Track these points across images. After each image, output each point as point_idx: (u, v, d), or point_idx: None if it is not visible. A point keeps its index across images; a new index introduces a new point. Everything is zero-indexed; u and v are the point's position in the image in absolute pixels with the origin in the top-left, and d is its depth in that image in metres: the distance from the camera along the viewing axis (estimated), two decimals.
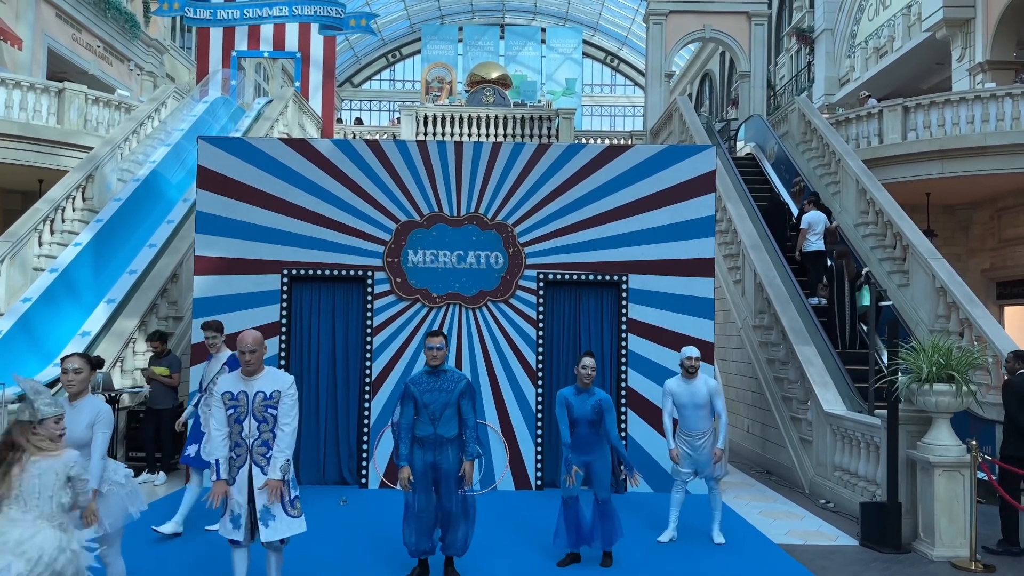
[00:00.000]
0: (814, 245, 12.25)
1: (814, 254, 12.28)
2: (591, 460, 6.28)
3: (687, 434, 6.99)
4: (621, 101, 46.07)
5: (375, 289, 9.18)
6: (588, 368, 6.25)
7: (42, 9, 19.72)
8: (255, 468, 4.89)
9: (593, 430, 6.26)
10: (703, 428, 6.96)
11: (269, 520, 4.85)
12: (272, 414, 4.87)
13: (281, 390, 4.90)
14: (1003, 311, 16.77)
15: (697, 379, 6.96)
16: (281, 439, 4.86)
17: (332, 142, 9.55)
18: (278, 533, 4.88)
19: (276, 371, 5.07)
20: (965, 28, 18.33)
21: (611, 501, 6.32)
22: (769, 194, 15.30)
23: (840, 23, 24.67)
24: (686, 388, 6.94)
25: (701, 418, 6.94)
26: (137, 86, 24.07)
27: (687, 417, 6.96)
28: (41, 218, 11.81)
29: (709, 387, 6.97)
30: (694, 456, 6.97)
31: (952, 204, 16.84)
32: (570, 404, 6.25)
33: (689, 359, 6.93)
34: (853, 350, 11.07)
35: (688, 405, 6.93)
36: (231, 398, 4.89)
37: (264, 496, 4.84)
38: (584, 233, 9.27)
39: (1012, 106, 14.11)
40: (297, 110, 19.59)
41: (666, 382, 7.12)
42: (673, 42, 22.40)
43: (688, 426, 6.98)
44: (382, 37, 43.42)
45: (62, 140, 14.79)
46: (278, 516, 4.87)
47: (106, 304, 11.11)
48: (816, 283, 12.03)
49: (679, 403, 6.96)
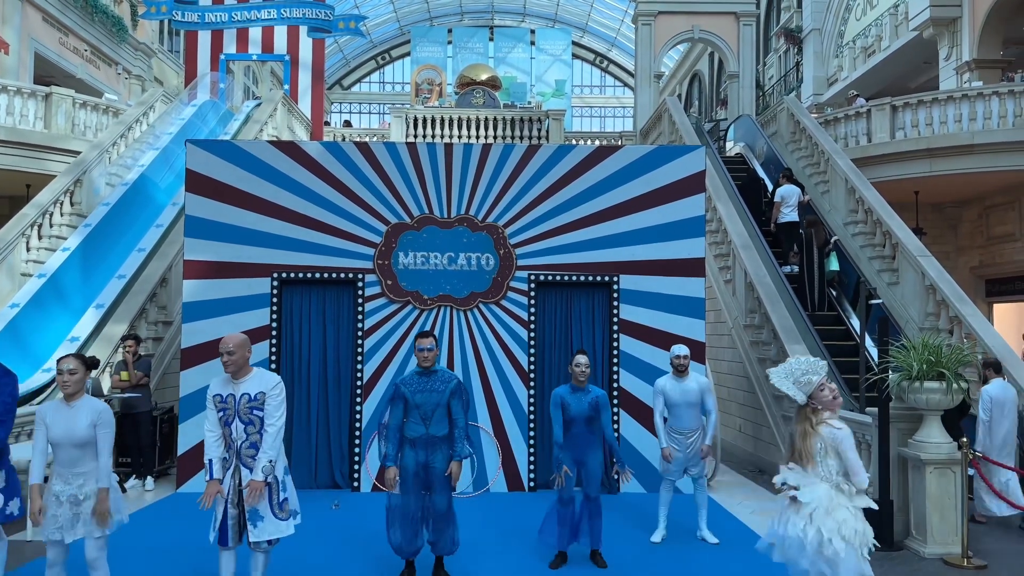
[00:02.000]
0: (787, 216, 12.98)
1: (788, 225, 12.99)
2: (585, 459, 6.26)
3: (677, 432, 6.98)
4: (611, 102, 46.14)
5: (366, 292, 9.16)
6: (582, 366, 6.25)
7: (29, 13, 19.61)
8: (243, 470, 4.90)
9: (589, 428, 6.26)
10: (694, 426, 6.98)
11: (257, 521, 4.87)
12: (258, 416, 4.87)
13: (265, 391, 4.90)
14: (992, 308, 16.86)
15: (688, 377, 6.98)
16: (265, 440, 4.84)
17: (321, 144, 9.53)
18: (265, 534, 4.89)
19: (264, 372, 5.07)
20: (952, 27, 18.43)
21: (599, 499, 6.31)
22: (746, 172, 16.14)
23: (828, 23, 24.77)
24: (677, 386, 6.95)
25: (692, 416, 6.96)
26: (125, 90, 23.97)
27: (678, 415, 6.96)
28: (29, 223, 11.74)
29: (700, 385, 6.99)
30: (684, 453, 6.97)
31: (941, 202, 16.92)
32: (566, 403, 6.24)
33: (679, 357, 6.96)
34: (822, 311, 11.97)
35: (679, 403, 6.93)
36: (220, 401, 4.92)
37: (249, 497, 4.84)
38: (575, 234, 9.27)
39: (999, 104, 14.19)
40: (286, 113, 19.54)
41: (657, 381, 7.11)
42: (662, 43, 22.45)
43: (679, 424, 6.98)
44: (371, 39, 43.38)
45: (49, 145, 14.71)
46: (266, 517, 4.88)
47: (95, 309, 11.05)
48: (789, 252, 12.84)
49: (670, 401, 6.96)
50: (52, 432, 4.62)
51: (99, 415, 4.67)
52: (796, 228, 12.94)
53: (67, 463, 4.63)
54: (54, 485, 4.65)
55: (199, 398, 8.78)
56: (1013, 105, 14.11)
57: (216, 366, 7.37)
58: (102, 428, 4.65)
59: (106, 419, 4.69)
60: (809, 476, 4.45)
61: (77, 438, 4.57)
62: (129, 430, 9.24)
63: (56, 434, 4.61)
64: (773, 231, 13.31)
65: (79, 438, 4.58)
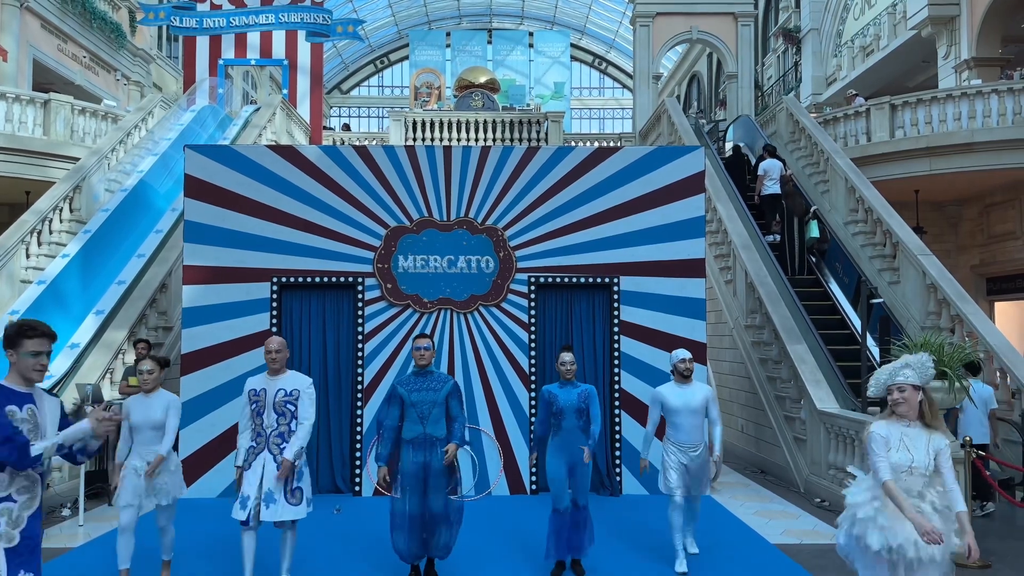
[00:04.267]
0: (770, 189, 13.85)
1: (771, 197, 13.89)
2: (575, 463, 6.06)
3: (680, 446, 6.32)
4: (610, 104, 46.13)
5: (366, 296, 9.14)
6: (567, 363, 6.15)
7: (27, 20, 19.62)
8: (269, 456, 5.48)
9: (580, 421, 6.09)
10: (697, 440, 6.35)
11: (270, 503, 5.44)
12: (291, 409, 5.55)
13: (300, 389, 5.61)
14: (993, 307, 16.83)
15: (692, 384, 6.44)
16: (300, 430, 5.52)
17: (320, 149, 9.52)
18: (276, 516, 5.42)
19: (297, 373, 5.76)
20: (950, 26, 18.42)
21: (588, 509, 6.12)
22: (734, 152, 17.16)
23: (826, 23, 24.77)
24: (680, 394, 6.38)
25: (696, 428, 6.36)
26: (124, 96, 23.97)
27: (680, 426, 6.33)
28: (28, 230, 11.73)
29: (705, 393, 6.45)
30: (688, 469, 6.32)
31: (941, 201, 16.90)
32: (554, 396, 6.12)
33: (683, 362, 6.42)
34: (802, 275, 12.92)
35: (682, 411, 6.31)
36: (254, 394, 5.63)
37: (272, 480, 5.41)
38: (575, 236, 9.26)
39: (998, 102, 14.17)
40: (285, 117, 19.54)
41: (657, 389, 6.51)
42: (660, 44, 22.44)
43: (681, 436, 6.33)
44: (370, 43, 43.39)
45: (49, 151, 14.69)
46: (278, 501, 5.44)
47: (95, 316, 11.03)
48: (771, 222, 13.72)
49: (672, 410, 6.34)
50: (133, 418, 5.66)
51: (171, 402, 5.78)
52: (778, 200, 13.81)
53: (144, 443, 5.67)
54: (133, 461, 5.65)
55: (199, 404, 8.78)
56: (1012, 103, 14.09)
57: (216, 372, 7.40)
58: (172, 412, 5.74)
59: (176, 406, 5.80)
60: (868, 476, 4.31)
61: (153, 422, 5.65)
62: None
63: (136, 420, 5.66)
64: (757, 203, 14.12)
65: (155, 422, 5.65)
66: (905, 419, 4.21)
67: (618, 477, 9.09)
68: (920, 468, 4.10)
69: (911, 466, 4.11)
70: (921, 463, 4.11)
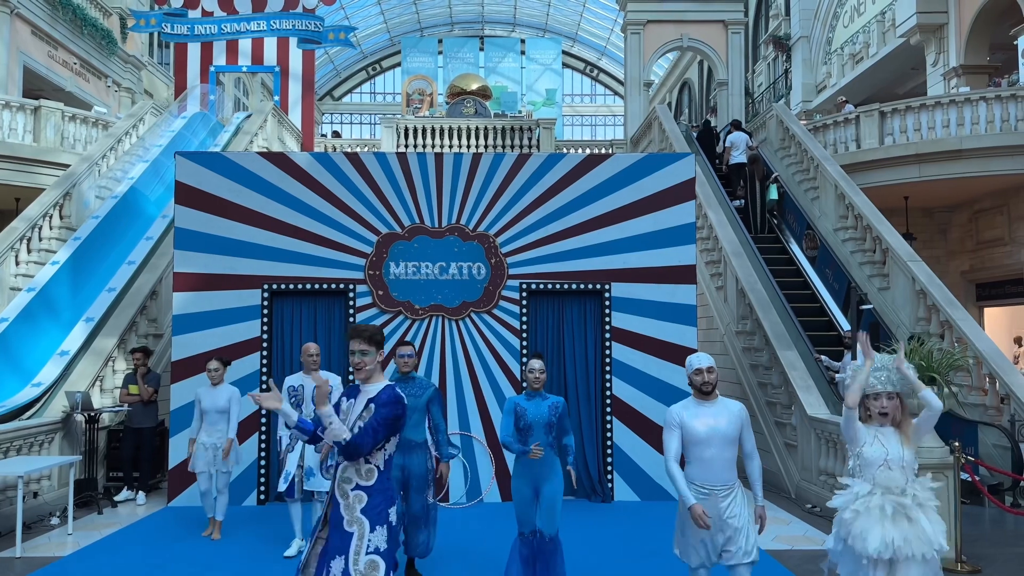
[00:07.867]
0: (737, 159, 15.92)
1: (737, 166, 15.96)
2: (541, 484, 5.34)
3: (702, 487, 4.47)
4: (601, 111, 46.28)
5: (357, 302, 9.13)
6: (536, 371, 5.48)
7: (17, 26, 19.57)
8: None
9: (549, 437, 5.42)
10: (727, 480, 4.47)
11: (310, 476, 6.62)
12: None
13: (333, 385, 6.05)
14: (983, 312, 16.92)
15: (717, 400, 4.57)
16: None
17: (311, 155, 9.52)
18: (314, 486, 6.57)
19: (329, 373, 6.99)
20: (939, 33, 18.56)
21: (558, 539, 5.36)
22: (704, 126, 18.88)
23: (816, 30, 24.90)
24: (704, 414, 4.51)
25: (726, 462, 4.47)
26: (115, 102, 23.92)
27: (704, 459, 4.47)
28: (18, 237, 11.67)
29: (738, 414, 4.54)
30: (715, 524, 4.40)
31: (930, 207, 17.00)
32: (521, 409, 5.44)
33: (698, 373, 4.57)
34: (763, 234, 14.66)
35: (706, 440, 4.45)
36: (292, 390, 6.77)
37: (314, 459, 6.47)
38: (566, 242, 9.28)
39: (987, 109, 14.28)
40: (277, 124, 19.52)
41: (672, 409, 4.61)
42: (651, 51, 22.53)
43: (705, 476, 4.48)
44: (362, 50, 43.45)
45: (38, 158, 14.65)
46: (316, 475, 6.53)
47: (85, 323, 10.97)
48: (736, 188, 15.67)
49: (694, 439, 4.47)
50: (203, 404, 7.34)
51: (233, 393, 7.37)
52: (743, 168, 15.80)
53: (211, 423, 7.35)
54: (202, 437, 7.35)
55: (190, 411, 8.72)
56: (1000, 110, 14.20)
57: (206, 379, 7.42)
58: (235, 401, 7.34)
59: (236, 396, 7.37)
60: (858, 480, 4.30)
61: (219, 408, 7.30)
62: (130, 444, 9.19)
63: (206, 405, 7.33)
64: (724, 171, 16.20)
65: (220, 408, 7.31)
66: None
67: (610, 484, 9.08)
68: (895, 460, 4.13)
69: (886, 459, 4.14)
70: (896, 455, 4.14)
